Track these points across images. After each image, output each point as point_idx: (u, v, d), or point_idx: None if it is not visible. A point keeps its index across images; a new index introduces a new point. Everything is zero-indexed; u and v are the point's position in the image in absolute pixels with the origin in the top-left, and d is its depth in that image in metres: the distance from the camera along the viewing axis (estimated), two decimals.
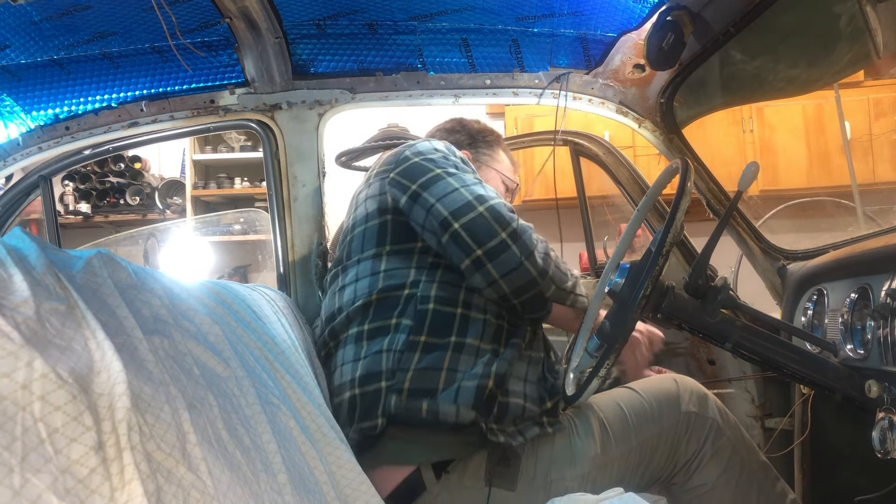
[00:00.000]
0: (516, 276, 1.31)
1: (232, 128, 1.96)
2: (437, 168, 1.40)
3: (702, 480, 1.35)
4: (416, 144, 1.48)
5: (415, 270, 1.39)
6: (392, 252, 1.42)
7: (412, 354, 1.30)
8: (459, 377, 1.28)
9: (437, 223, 1.34)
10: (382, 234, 1.43)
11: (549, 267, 1.33)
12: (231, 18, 1.58)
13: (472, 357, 1.31)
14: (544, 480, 1.27)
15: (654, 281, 1.11)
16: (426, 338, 1.31)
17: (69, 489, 0.56)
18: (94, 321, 0.71)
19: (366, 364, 1.32)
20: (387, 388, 1.28)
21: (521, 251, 1.30)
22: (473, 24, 1.71)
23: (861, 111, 4.59)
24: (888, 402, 1.13)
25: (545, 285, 1.33)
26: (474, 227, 1.31)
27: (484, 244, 1.30)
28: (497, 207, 1.33)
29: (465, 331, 1.33)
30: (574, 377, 1.32)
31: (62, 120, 1.81)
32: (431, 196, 1.36)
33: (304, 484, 0.96)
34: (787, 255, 1.82)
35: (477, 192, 1.35)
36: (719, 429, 1.37)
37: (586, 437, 1.32)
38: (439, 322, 1.33)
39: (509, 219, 1.32)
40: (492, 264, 1.30)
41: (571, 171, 2.35)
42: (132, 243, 3.53)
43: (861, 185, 3.23)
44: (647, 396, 1.39)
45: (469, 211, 1.32)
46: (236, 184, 5.03)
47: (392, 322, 1.34)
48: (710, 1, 1.45)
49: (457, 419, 1.24)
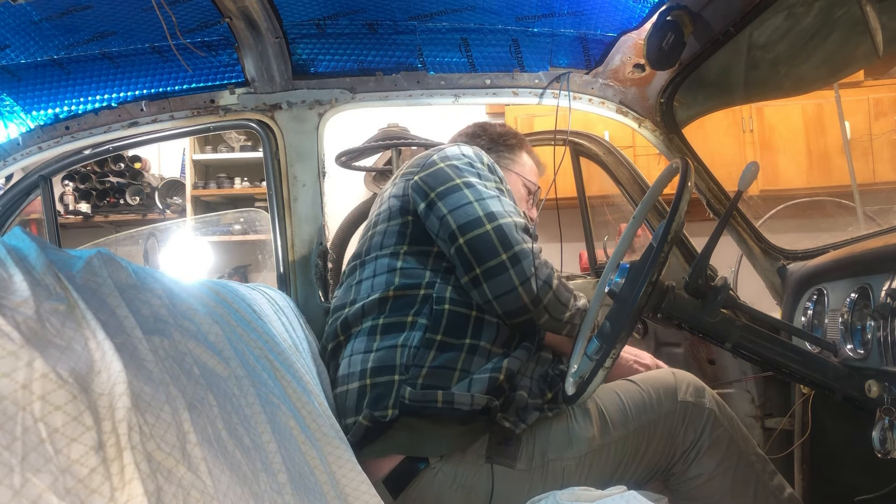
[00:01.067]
0: (509, 300, 1.31)
1: (232, 128, 1.96)
2: (458, 177, 1.40)
3: (700, 470, 1.37)
4: (445, 149, 1.49)
5: (430, 272, 1.40)
6: (410, 252, 1.43)
7: (427, 352, 1.31)
8: (471, 376, 1.31)
9: (447, 235, 1.36)
10: (402, 234, 1.45)
11: (545, 296, 1.33)
12: (231, 18, 1.58)
13: (484, 359, 1.33)
14: (542, 460, 1.30)
15: (654, 281, 1.11)
16: (442, 337, 1.33)
17: (69, 489, 0.56)
18: (94, 321, 0.71)
19: (379, 356, 1.34)
20: (400, 381, 1.30)
21: (518, 276, 1.30)
22: (473, 24, 1.71)
23: (861, 111, 4.59)
24: (888, 402, 1.13)
25: (537, 313, 1.34)
26: (478, 244, 1.32)
27: (483, 263, 1.31)
28: (505, 227, 1.33)
29: (480, 333, 1.35)
30: (574, 379, 1.32)
31: (62, 120, 1.81)
32: (445, 206, 1.37)
33: (304, 484, 0.96)
34: (787, 255, 1.82)
35: (489, 209, 1.35)
36: (716, 419, 1.39)
37: (584, 421, 1.35)
38: (455, 323, 1.34)
39: (514, 240, 1.32)
40: (487, 284, 1.31)
41: (571, 171, 2.35)
42: (132, 243, 3.53)
43: (861, 185, 3.23)
44: (644, 387, 1.42)
45: (476, 227, 1.33)
46: (236, 184, 5.03)
47: (408, 319, 1.36)
48: (710, 1, 1.45)
49: (472, 406, 1.26)
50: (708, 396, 1.42)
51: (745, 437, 1.42)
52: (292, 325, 1.44)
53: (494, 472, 1.28)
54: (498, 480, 1.27)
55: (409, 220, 1.45)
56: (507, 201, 1.41)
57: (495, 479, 1.27)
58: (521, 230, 1.35)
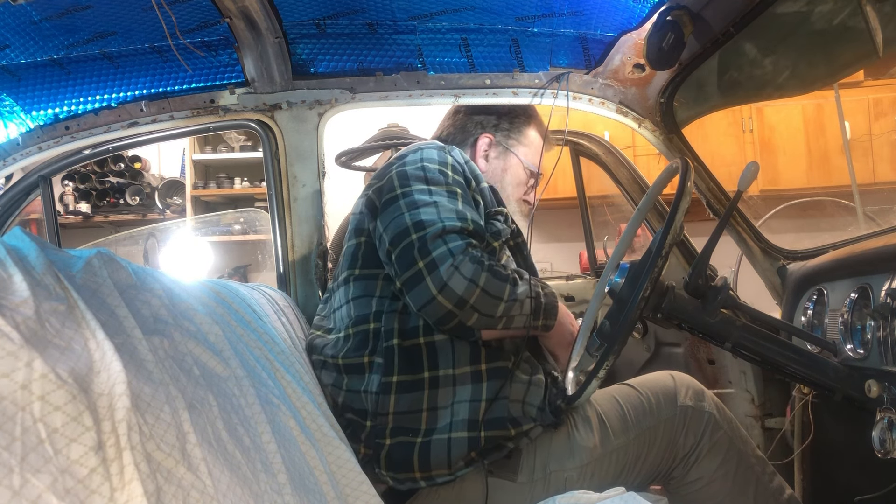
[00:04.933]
0: (431, 309, 1.23)
1: (232, 128, 1.96)
2: (400, 187, 1.34)
3: (700, 474, 1.37)
4: (407, 157, 1.43)
5: (377, 300, 1.34)
6: (359, 277, 1.39)
7: (388, 398, 1.27)
8: (443, 414, 1.26)
9: (385, 252, 1.31)
10: (355, 257, 1.41)
11: (472, 296, 1.22)
12: (231, 18, 1.58)
13: (450, 387, 1.28)
14: (544, 472, 1.29)
15: (654, 281, 1.11)
16: (399, 377, 1.28)
17: (69, 489, 0.56)
18: (94, 321, 0.71)
19: (348, 397, 1.32)
20: (371, 426, 1.28)
21: (435, 283, 1.21)
22: (473, 24, 1.71)
23: (861, 111, 4.58)
24: (888, 402, 1.13)
25: (465, 315, 1.23)
26: (402, 255, 1.26)
27: (402, 274, 1.26)
28: (429, 235, 1.24)
29: (436, 361, 1.29)
30: (574, 376, 1.32)
31: (62, 120, 1.81)
32: (381, 223, 1.33)
33: (304, 484, 0.96)
34: (787, 255, 1.82)
35: (419, 217, 1.27)
36: (716, 423, 1.38)
37: (585, 430, 1.33)
38: (408, 357, 1.29)
39: (434, 246, 1.23)
40: (409, 296, 1.25)
41: (571, 171, 2.35)
42: (132, 243, 3.53)
43: (861, 185, 3.23)
44: (644, 391, 1.41)
45: (402, 239, 1.27)
46: (236, 184, 5.03)
47: (365, 360, 1.32)
48: (710, 1, 1.45)
49: (453, 473, 1.23)
50: (707, 399, 1.41)
51: (745, 440, 1.42)
52: (292, 325, 1.44)
53: (496, 486, 1.26)
54: (500, 494, 1.26)
55: (362, 241, 1.41)
56: (451, 205, 1.31)
57: (497, 493, 1.26)
58: (455, 233, 1.26)
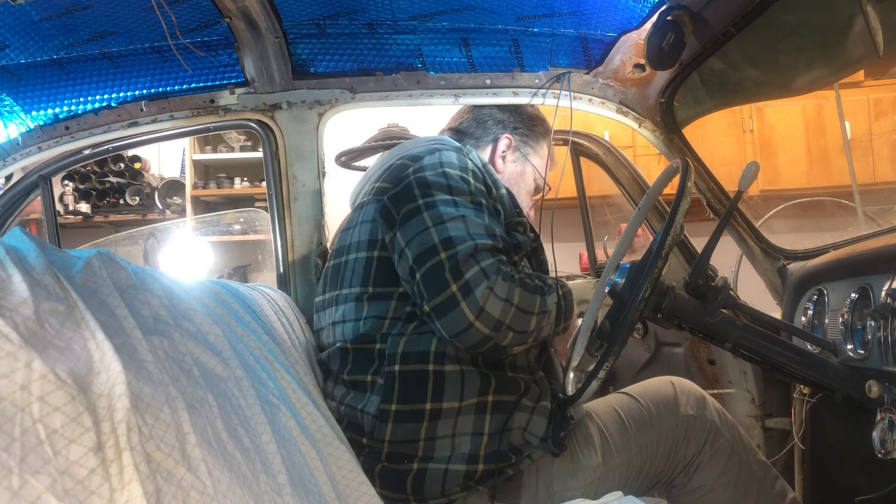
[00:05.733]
0: (467, 336, 1.16)
1: (232, 128, 1.96)
2: (422, 196, 1.26)
3: (701, 482, 1.36)
4: (423, 159, 1.33)
5: (389, 322, 1.28)
6: (373, 296, 1.31)
7: (384, 425, 1.22)
8: (441, 445, 1.22)
9: (407, 271, 1.23)
10: (367, 272, 1.32)
11: (507, 316, 1.16)
12: (231, 18, 1.58)
13: (452, 419, 1.22)
14: (548, 492, 1.27)
15: (654, 281, 1.11)
16: (397, 406, 1.22)
17: (68, 490, 0.56)
18: (94, 321, 0.71)
19: (347, 412, 1.29)
20: (368, 445, 1.25)
21: (472, 309, 1.14)
22: (473, 24, 1.71)
23: (861, 111, 4.58)
24: (888, 402, 1.13)
25: (500, 336, 1.17)
26: (430, 276, 1.17)
27: (433, 299, 1.16)
28: (459, 256, 1.16)
29: (441, 393, 1.22)
30: (574, 377, 1.32)
31: (62, 120, 1.81)
32: (403, 237, 1.24)
33: (304, 484, 0.96)
34: (787, 255, 1.82)
35: (447, 234, 1.19)
36: (718, 430, 1.38)
37: (587, 448, 1.31)
38: (410, 386, 1.23)
39: (467, 267, 1.16)
40: (440, 322, 1.17)
41: (571, 171, 2.34)
42: (132, 243, 3.53)
43: (861, 185, 3.23)
44: (644, 402, 1.40)
45: (430, 258, 1.18)
46: (236, 184, 5.03)
47: (367, 379, 1.27)
48: (710, 1, 1.45)
49: (445, 496, 1.21)
50: (709, 407, 1.40)
51: (747, 446, 1.41)
52: (292, 325, 1.44)
53: None
54: None
55: (375, 255, 1.32)
56: (478, 219, 1.24)
57: None
58: (486, 250, 1.19)
